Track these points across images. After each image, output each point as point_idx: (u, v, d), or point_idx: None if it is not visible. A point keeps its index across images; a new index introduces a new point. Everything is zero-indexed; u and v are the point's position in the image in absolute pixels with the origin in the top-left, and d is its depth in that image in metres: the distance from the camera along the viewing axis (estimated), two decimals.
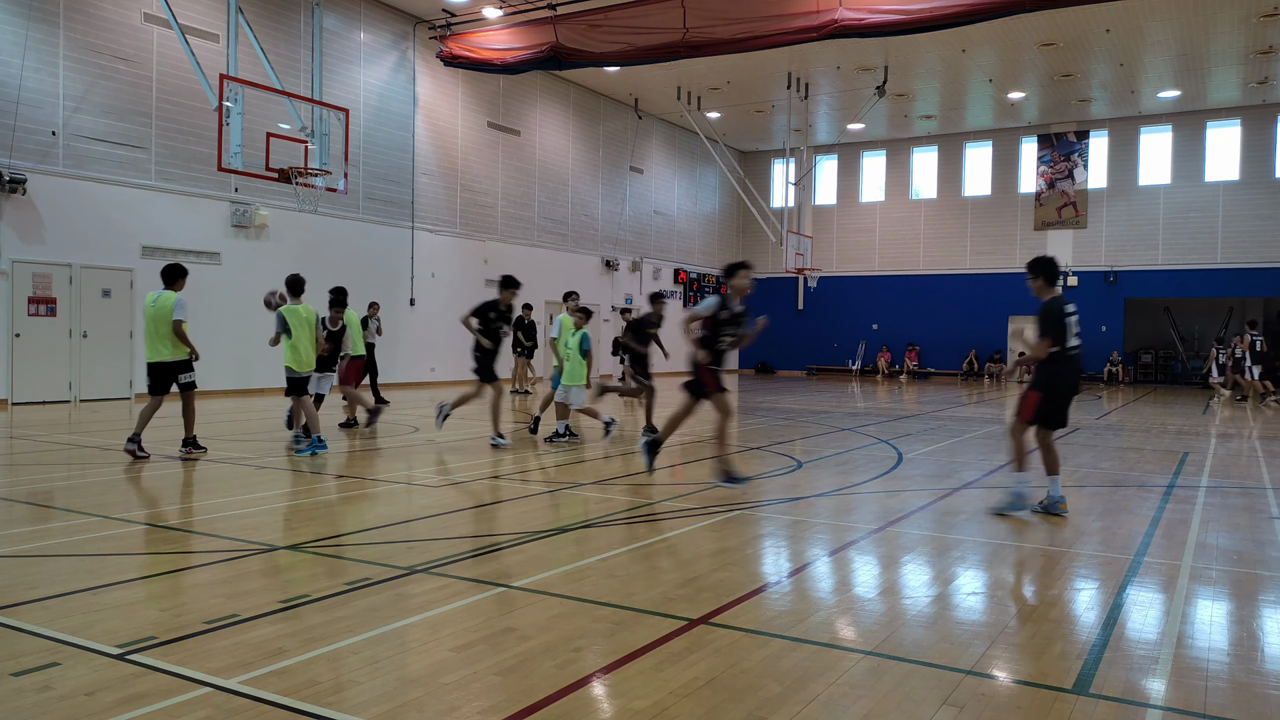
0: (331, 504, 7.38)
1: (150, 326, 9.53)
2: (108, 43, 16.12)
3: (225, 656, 3.78)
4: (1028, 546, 6.16)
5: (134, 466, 9.02)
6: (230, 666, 3.67)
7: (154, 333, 9.50)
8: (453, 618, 4.38)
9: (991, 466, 10.03)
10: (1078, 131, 30.28)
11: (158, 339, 9.49)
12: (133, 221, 16.46)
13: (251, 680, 3.53)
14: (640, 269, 30.47)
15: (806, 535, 6.48)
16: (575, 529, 6.42)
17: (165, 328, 9.46)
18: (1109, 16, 20.40)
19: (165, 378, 9.61)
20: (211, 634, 4.06)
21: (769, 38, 17.86)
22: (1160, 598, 4.99)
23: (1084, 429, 14.65)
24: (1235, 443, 12.87)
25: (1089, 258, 30.37)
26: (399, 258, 21.67)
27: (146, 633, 4.07)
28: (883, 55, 23.61)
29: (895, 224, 33.54)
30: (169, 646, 3.90)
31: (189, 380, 9.75)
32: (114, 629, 4.13)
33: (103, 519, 6.55)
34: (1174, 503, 7.86)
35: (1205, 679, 3.76)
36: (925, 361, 33.00)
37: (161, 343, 9.49)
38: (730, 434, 7.56)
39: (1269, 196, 27.87)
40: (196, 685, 3.47)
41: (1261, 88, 25.77)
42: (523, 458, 10.33)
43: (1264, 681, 3.75)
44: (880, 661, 3.88)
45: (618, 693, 3.51)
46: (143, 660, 3.72)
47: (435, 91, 22.60)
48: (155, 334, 9.49)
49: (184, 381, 9.71)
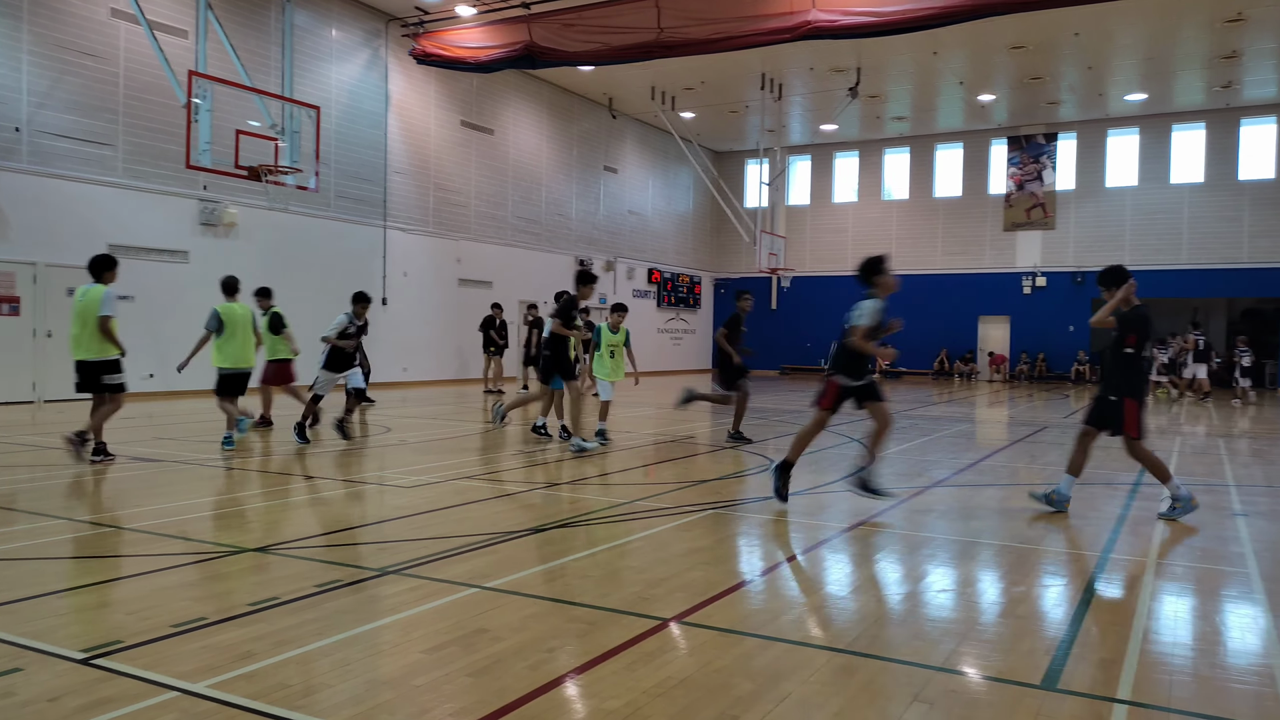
0: (302, 505, 7.31)
1: (77, 322, 8.99)
2: (73, 38, 15.86)
3: (192, 660, 3.74)
4: (997, 544, 6.22)
5: (100, 468, 8.87)
6: (198, 670, 3.62)
7: (80, 329, 8.96)
8: (425, 619, 4.36)
9: (962, 465, 10.13)
10: (1046, 134, 30.64)
11: (84, 335, 8.95)
12: (99, 219, 16.21)
13: (219, 684, 3.49)
14: (614, 269, 30.45)
15: (779, 534, 6.51)
16: (549, 529, 6.40)
17: (93, 324, 8.91)
18: (1078, 20, 20.66)
19: (91, 378, 9.05)
20: (178, 637, 4.01)
21: (743, 38, 17.91)
22: (1126, 594, 5.06)
23: (1052, 428, 14.83)
24: (1198, 441, 13.08)
25: (1057, 258, 30.75)
26: (371, 257, 21.51)
27: (112, 637, 4.01)
28: (855, 57, 23.76)
29: (868, 224, 33.77)
30: (135, 650, 3.84)
31: (117, 382, 9.16)
32: (78, 633, 4.07)
33: (67, 521, 6.45)
34: (1140, 500, 7.97)
35: (1170, 674, 3.82)
36: (897, 360, 33.26)
37: (89, 340, 8.94)
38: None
39: (1233, 199, 28.36)
40: (163, 689, 3.43)
41: (1225, 91, 26.21)
42: (496, 458, 10.29)
43: (1227, 675, 3.82)
44: (852, 659, 3.90)
45: (590, 693, 3.51)
46: (108, 665, 3.67)
47: (408, 89, 22.46)
48: (82, 330, 8.96)
49: (110, 383, 9.11)
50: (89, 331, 8.97)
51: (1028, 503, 7.73)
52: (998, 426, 15.75)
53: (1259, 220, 27.95)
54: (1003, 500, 7.98)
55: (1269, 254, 27.82)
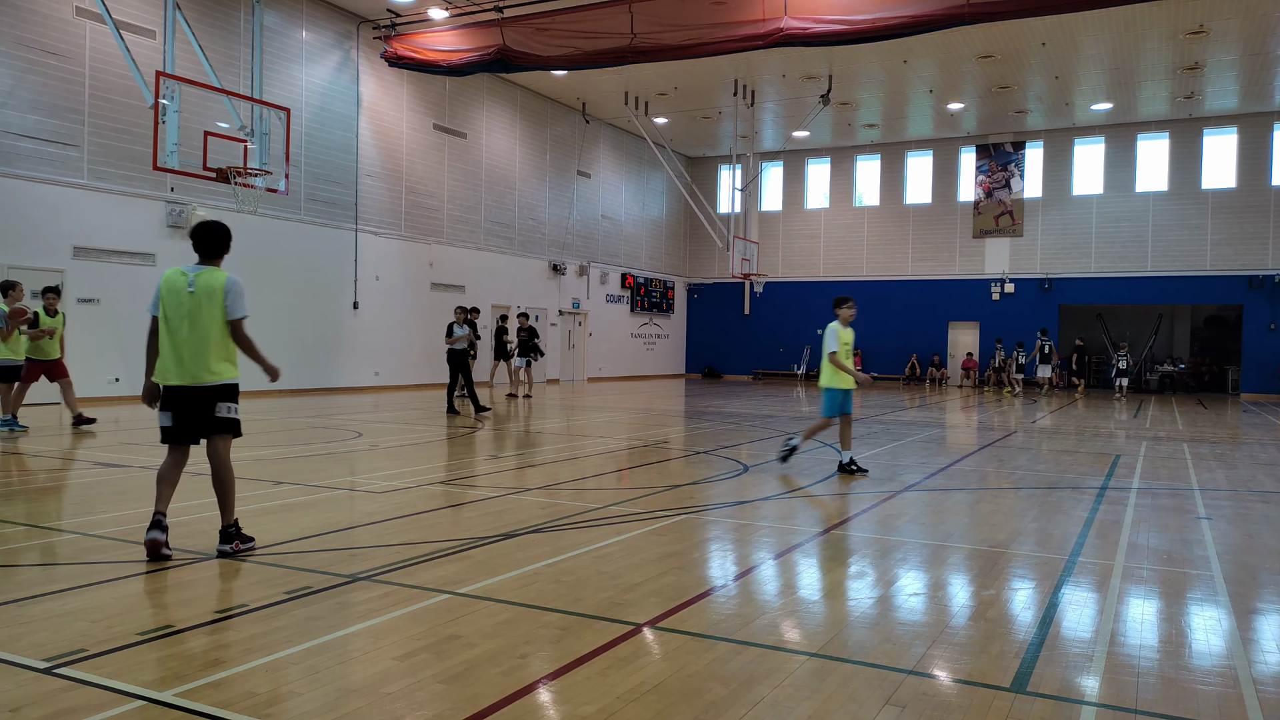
0: (271, 510, 7.22)
1: (185, 324, 8.89)
2: (37, 36, 15.60)
3: (159, 668, 3.68)
4: (967, 548, 6.28)
5: (61, 473, 8.72)
6: (164, 679, 3.57)
7: (190, 333, 8.84)
8: (396, 626, 4.32)
9: (933, 469, 10.21)
10: (1014, 142, 31.04)
11: (195, 345, 8.79)
12: (64, 221, 15.95)
13: (186, 692, 3.43)
14: (588, 273, 30.44)
15: (752, 539, 6.53)
16: (521, 534, 6.38)
17: (214, 328, 8.68)
18: (1045, 30, 20.98)
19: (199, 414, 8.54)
20: (144, 645, 3.95)
21: (716, 45, 17.99)
22: (1094, 597, 5.13)
23: (1020, 431, 15.00)
24: (1165, 446, 13.29)
25: (1025, 265, 31.13)
26: (342, 260, 21.34)
27: (76, 645, 3.94)
28: (827, 65, 23.95)
29: (839, 230, 34.01)
30: (99, 659, 3.77)
31: (233, 417, 8.13)
32: (40, 642, 3.99)
33: (29, 528, 6.33)
34: (1107, 504, 8.08)
35: (1137, 675, 3.87)
36: (868, 366, 33.47)
37: (202, 351, 8.70)
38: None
39: (1196, 207, 28.87)
40: (128, 699, 3.37)
41: (1188, 102, 26.69)
42: (469, 463, 10.23)
43: (1192, 677, 3.88)
44: (824, 663, 3.92)
45: (564, 699, 3.49)
46: (71, 674, 3.60)
47: (380, 92, 22.32)
48: (192, 334, 8.83)
49: (226, 417, 7.59)
50: (203, 339, 5.84)
51: (997, 505, 7.81)
52: (968, 431, 15.90)
53: (1221, 228, 28.49)
54: (973, 504, 8.06)
55: (1231, 262, 28.36)
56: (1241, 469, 10.84)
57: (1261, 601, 5.15)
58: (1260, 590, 5.37)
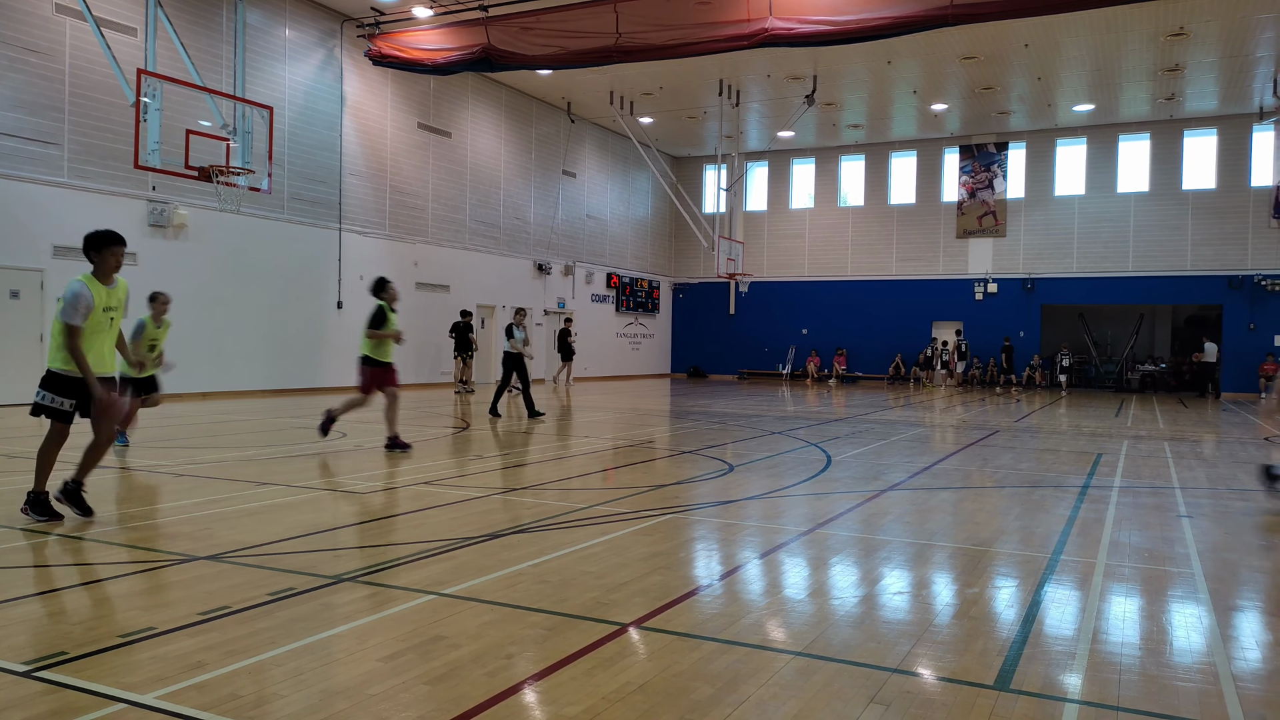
0: (254, 511, 7.17)
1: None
2: (16, 33, 15.44)
3: (141, 671, 3.65)
4: (950, 546, 6.32)
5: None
6: (146, 681, 3.54)
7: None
8: (380, 627, 4.30)
9: (917, 468, 10.26)
10: (997, 143, 31.21)
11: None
12: (43, 220, 15.80)
13: (169, 695, 3.41)
14: (573, 273, 30.41)
15: (737, 538, 6.54)
16: (506, 534, 6.36)
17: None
18: (1028, 32, 21.11)
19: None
20: (126, 648, 3.92)
21: (700, 45, 18.01)
22: (1076, 595, 5.17)
23: (1003, 431, 15.10)
24: (1146, 444, 13.40)
25: (1008, 266, 31.32)
26: (326, 260, 21.23)
27: (56, 648, 3.90)
28: (812, 65, 24.01)
29: (824, 230, 34.11)
30: (80, 662, 3.74)
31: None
32: (20, 645, 3.95)
33: (8, 529, 6.26)
34: (1089, 502, 8.14)
35: (1119, 673, 3.90)
36: (853, 365, 33.61)
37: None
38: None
39: (1177, 208, 29.12)
40: (110, 701, 3.34)
41: (1169, 103, 26.92)
42: (454, 463, 10.19)
43: (1173, 674, 3.91)
44: (810, 662, 3.93)
45: (549, 699, 3.49)
46: (51, 677, 3.57)
47: (364, 91, 22.22)
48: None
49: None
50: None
51: (980, 503, 7.85)
52: (951, 431, 15.98)
53: (1201, 229, 28.75)
54: (956, 503, 8.10)
55: (1211, 262, 28.62)
56: (1221, 467, 10.95)
57: (1241, 599, 5.21)
58: (1240, 588, 5.42)
